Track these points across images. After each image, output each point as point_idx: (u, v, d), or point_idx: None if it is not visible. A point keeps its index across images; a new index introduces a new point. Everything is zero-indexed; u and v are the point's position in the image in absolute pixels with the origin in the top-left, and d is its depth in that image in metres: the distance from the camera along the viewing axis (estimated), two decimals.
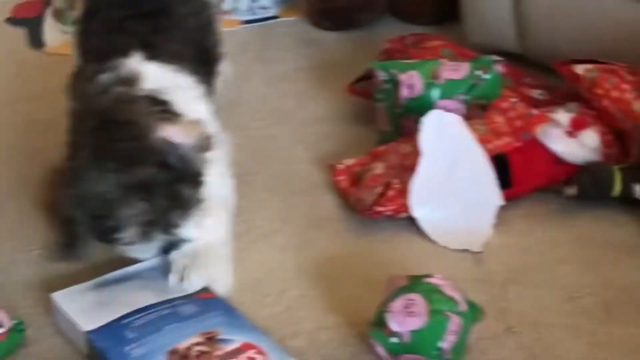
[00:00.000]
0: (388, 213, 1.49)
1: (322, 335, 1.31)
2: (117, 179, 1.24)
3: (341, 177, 1.59)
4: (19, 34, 2.09)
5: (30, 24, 2.13)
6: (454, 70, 1.61)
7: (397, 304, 1.20)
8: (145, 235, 1.28)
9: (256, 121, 1.79)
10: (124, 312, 1.27)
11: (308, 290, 1.39)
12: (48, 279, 1.41)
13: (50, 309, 1.32)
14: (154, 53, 1.39)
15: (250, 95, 1.82)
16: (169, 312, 1.27)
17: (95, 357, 1.24)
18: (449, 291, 1.23)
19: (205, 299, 1.31)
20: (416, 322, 1.19)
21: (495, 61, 1.63)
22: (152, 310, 1.27)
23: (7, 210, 1.56)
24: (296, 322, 1.33)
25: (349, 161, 1.61)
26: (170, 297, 1.30)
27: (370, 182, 1.53)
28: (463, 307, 1.23)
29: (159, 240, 1.31)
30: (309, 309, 1.36)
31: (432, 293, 1.21)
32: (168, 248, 1.33)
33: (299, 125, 1.80)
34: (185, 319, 1.25)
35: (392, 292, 1.23)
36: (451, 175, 1.52)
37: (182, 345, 1.20)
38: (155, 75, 1.37)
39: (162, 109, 1.31)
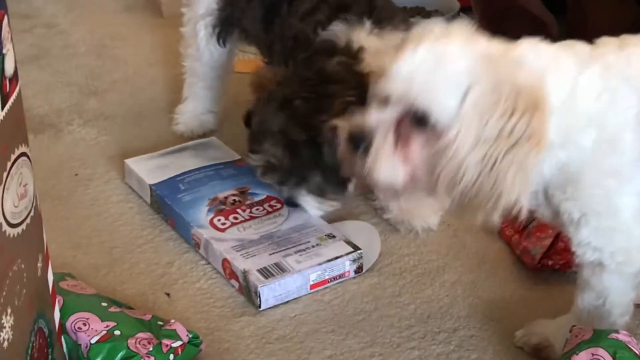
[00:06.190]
0: (556, 267, 1.46)
1: None
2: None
3: (503, 225, 1.54)
4: None
5: None
6: None
7: (581, 357, 1.16)
8: None
9: None
10: (179, 172, 1.65)
11: (480, 331, 1.37)
12: (223, 295, 1.44)
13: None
14: None
15: None
16: (213, 173, 1.66)
17: (156, 204, 1.62)
18: (635, 348, 1.18)
19: (241, 166, 1.67)
20: None
21: None
22: (200, 171, 1.66)
23: None
24: None
25: None
26: (215, 162, 1.68)
27: (537, 232, 1.49)
28: None
29: None
30: (481, 351, 1.33)
31: (618, 349, 1.16)
32: None
33: None
34: (225, 178, 1.64)
35: (576, 345, 1.19)
36: None
37: (222, 195, 1.59)
38: None
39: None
